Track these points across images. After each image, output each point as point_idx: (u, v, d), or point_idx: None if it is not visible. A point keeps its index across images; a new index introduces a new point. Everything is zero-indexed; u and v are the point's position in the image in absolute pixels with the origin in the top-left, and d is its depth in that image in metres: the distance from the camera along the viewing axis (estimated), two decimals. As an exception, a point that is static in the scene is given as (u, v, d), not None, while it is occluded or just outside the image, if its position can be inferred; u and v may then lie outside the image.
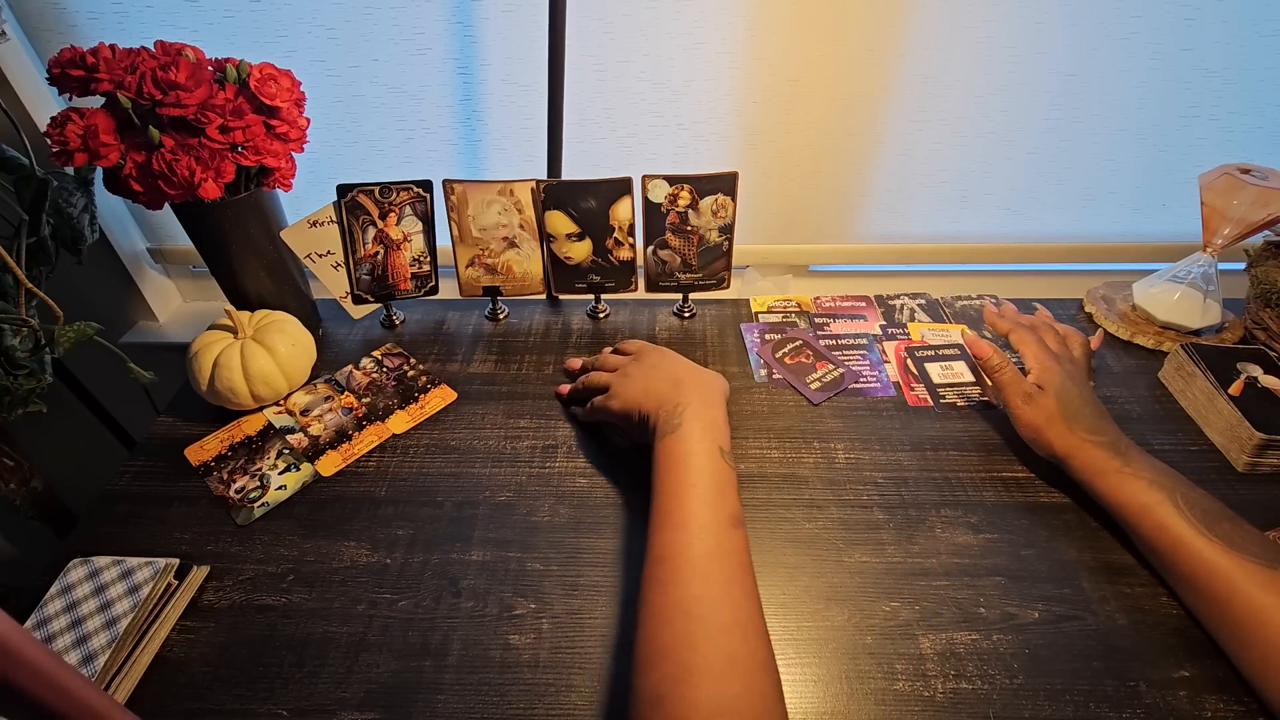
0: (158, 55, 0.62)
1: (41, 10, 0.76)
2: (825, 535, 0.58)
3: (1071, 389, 0.58)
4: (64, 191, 0.67)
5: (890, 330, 0.81)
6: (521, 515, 0.60)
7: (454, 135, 0.86)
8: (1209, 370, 0.67)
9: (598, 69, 0.80)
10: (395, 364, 0.77)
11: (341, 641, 0.52)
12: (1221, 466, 0.64)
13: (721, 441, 0.54)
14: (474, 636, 0.52)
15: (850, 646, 0.51)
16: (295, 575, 0.56)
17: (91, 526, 0.61)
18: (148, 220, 0.93)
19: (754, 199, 0.89)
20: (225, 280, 0.75)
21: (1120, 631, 0.51)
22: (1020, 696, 0.47)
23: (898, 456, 0.65)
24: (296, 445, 0.67)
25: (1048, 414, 0.58)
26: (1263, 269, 0.75)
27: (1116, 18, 0.76)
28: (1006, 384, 0.60)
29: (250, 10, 0.76)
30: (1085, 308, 0.85)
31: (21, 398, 0.66)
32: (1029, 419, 0.59)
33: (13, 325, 0.63)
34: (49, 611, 0.52)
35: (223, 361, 0.66)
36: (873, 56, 0.79)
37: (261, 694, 0.49)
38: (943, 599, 0.53)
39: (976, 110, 0.83)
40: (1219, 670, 0.48)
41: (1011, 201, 0.91)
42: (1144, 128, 0.84)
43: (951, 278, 0.99)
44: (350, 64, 0.80)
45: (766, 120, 0.84)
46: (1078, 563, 0.56)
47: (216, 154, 0.62)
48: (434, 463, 0.66)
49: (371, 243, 0.77)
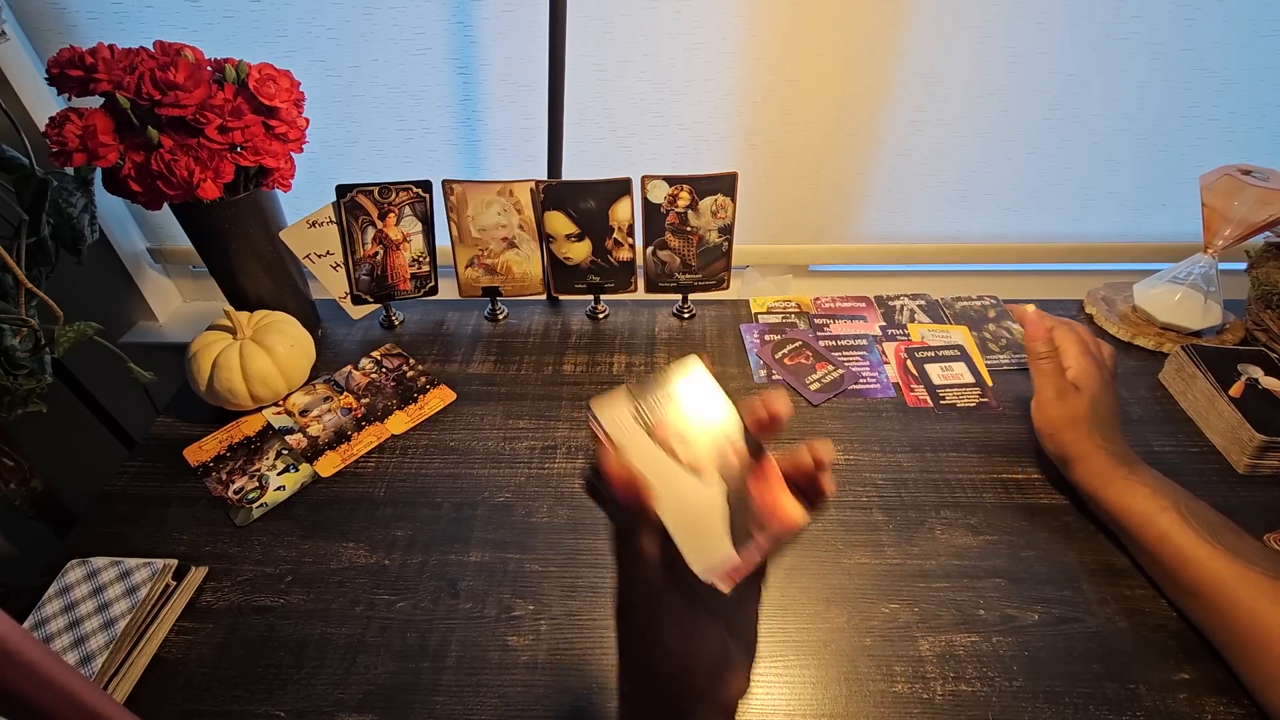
0: (157, 55, 0.62)
1: (41, 10, 0.76)
2: (824, 536, 0.58)
3: (1105, 396, 0.58)
4: (64, 191, 0.67)
5: (890, 331, 0.81)
6: (520, 516, 0.60)
7: (454, 135, 0.85)
8: (1209, 372, 0.67)
9: (598, 69, 0.79)
10: (394, 364, 0.77)
11: (340, 642, 0.51)
12: (1222, 468, 0.63)
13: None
14: (472, 638, 0.52)
15: (849, 648, 0.50)
16: (294, 576, 0.56)
17: (90, 527, 0.61)
18: (147, 220, 0.93)
19: (754, 199, 0.89)
20: (224, 281, 0.75)
21: (1120, 634, 0.51)
22: (1020, 699, 0.47)
23: (897, 458, 0.65)
24: (295, 446, 0.67)
25: (1074, 414, 0.57)
26: (1263, 270, 0.75)
27: (1116, 18, 0.76)
28: (1046, 373, 0.59)
29: (250, 10, 0.76)
30: (1086, 308, 0.85)
31: (21, 398, 0.66)
32: (1054, 414, 0.58)
33: (13, 325, 0.63)
34: (47, 612, 0.52)
35: (222, 362, 0.66)
36: (873, 56, 0.79)
37: (260, 695, 0.49)
38: (942, 601, 0.53)
39: (976, 110, 0.83)
40: (1219, 673, 0.48)
41: (1011, 201, 0.91)
42: (1144, 128, 0.84)
43: (951, 278, 0.99)
44: (350, 64, 0.80)
45: (766, 120, 0.83)
46: (1078, 565, 0.55)
47: (215, 154, 0.62)
48: (433, 463, 0.65)
49: (371, 243, 0.77)
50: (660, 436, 0.28)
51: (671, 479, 0.28)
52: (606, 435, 0.28)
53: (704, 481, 0.28)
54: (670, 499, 0.27)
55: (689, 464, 0.28)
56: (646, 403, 0.29)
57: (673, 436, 0.28)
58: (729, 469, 0.28)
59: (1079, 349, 0.59)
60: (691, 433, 0.29)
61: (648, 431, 0.28)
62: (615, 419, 0.29)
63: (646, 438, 0.28)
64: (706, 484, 0.28)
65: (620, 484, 0.26)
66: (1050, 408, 0.58)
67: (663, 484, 0.27)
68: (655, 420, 0.29)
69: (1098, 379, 0.58)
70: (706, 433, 0.29)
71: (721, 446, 0.29)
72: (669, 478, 0.28)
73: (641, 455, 0.28)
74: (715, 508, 0.28)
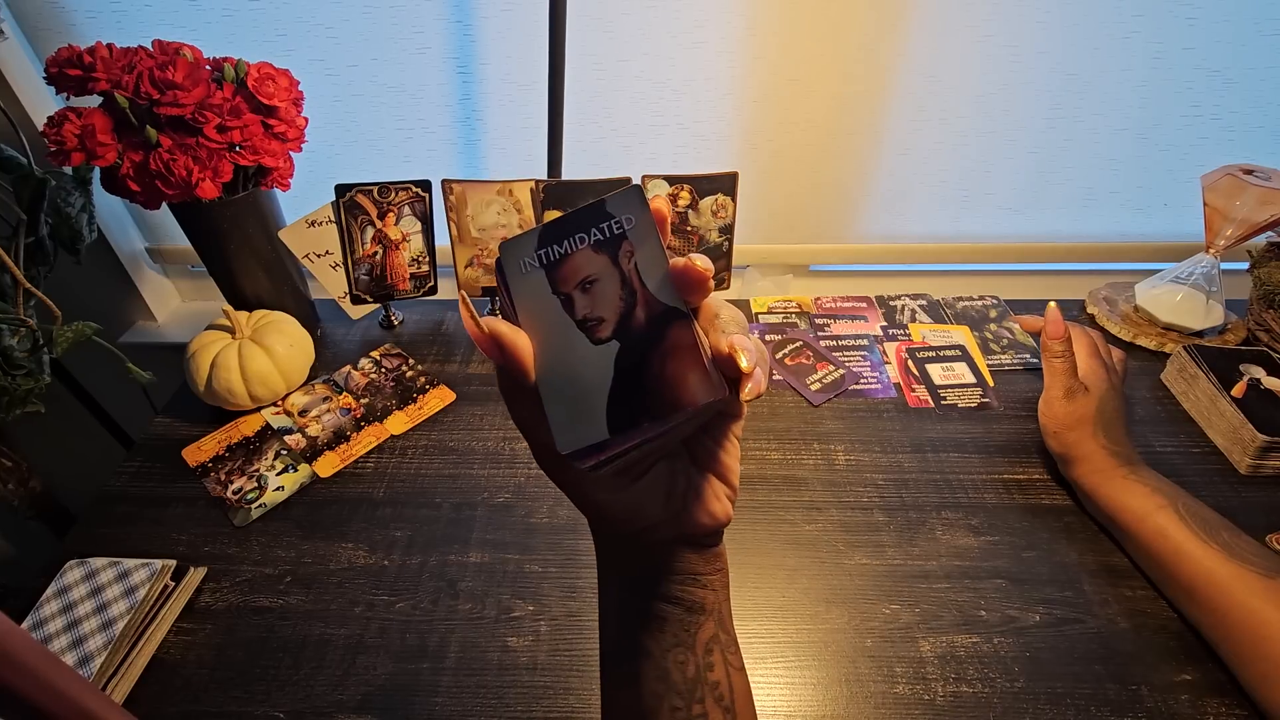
0: (155, 55, 0.62)
1: (40, 9, 0.75)
2: (825, 537, 0.58)
3: (1112, 399, 0.59)
4: (62, 191, 0.67)
5: (891, 331, 0.81)
6: (520, 517, 0.60)
7: (453, 135, 0.85)
8: (1211, 372, 0.67)
9: (598, 69, 0.79)
10: (394, 364, 0.77)
11: (339, 643, 0.51)
12: (1224, 469, 0.63)
13: None
14: (472, 638, 0.51)
15: (850, 649, 0.50)
16: (293, 577, 0.56)
17: (89, 527, 0.60)
18: (146, 220, 0.93)
19: (754, 199, 0.89)
20: (223, 280, 0.75)
21: (1122, 635, 0.51)
22: (1021, 700, 0.47)
23: (898, 458, 0.65)
24: (294, 446, 0.67)
25: (1082, 414, 0.58)
26: (1265, 270, 0.75)
27: (1117, 18, 0.76)
28: (1059, 371, 0.59)
29: (249, 9, 0.76)
30: (1087, 308, 0.85)
31: (20, 398, 0.66)
32: (1062, 412, 0.58)
33: (11, 325, 0.63)
34: (45, 613, 0.51)
35: (220, 362, 0.66)
36: (873, 56, 0.78)
37: (258, 696, 0.48)
38: (943, 602, 0.53)
39: (977, 110, 0.83)
40: (1220, 674, 0.48)
41: (1012, 201, 0.91)
42: (1145, 127, 0.84)
43: (952, 278, 0.99)
44: (349, 63, 0.80)
45: (766, 120, 0.83)
46: (1079, 565, 0.55)
47: (214, 153, 0.62)
48: (432, 464, 0.65)
49: (370, 243, 0.77)
50: (561, 280, 0.24)
51: (558, 333, 0.24)
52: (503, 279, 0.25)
53: (597, 340, 0.24)
54: (551, 357, 0.24)
55: (586, 317, 0.24)
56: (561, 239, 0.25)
57: (575, 283, 0.24)
58: (634, 330, 0.24)
59: (1089, 351, 0.61)
60: (601, 281, 0.24)
61: (547, 273, 0.25)
62: (516, 256, 0.25)
63: (544, 280, 0.25)
64: (600, 344, 0.24)
65: (482, 343, 0.23)
66: (1058, 405, 0.59)
67: (547, 338, 0.24)
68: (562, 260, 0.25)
69: (1106, 381, 0.59)
70: (618, 283, 0.24)
71: (632, 302, 0.24)
72: (555, 331, 0.24)
73: (532, 301, 0.25)
74: (600, 374, 0.24)
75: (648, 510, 0.27)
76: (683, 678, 0.29)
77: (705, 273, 0.23)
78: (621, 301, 0.24)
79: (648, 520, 0.28)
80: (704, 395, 0.23)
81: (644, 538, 0.29)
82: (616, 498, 0.27)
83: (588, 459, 0.23)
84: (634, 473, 0.27)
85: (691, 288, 0.23)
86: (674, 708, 0.28)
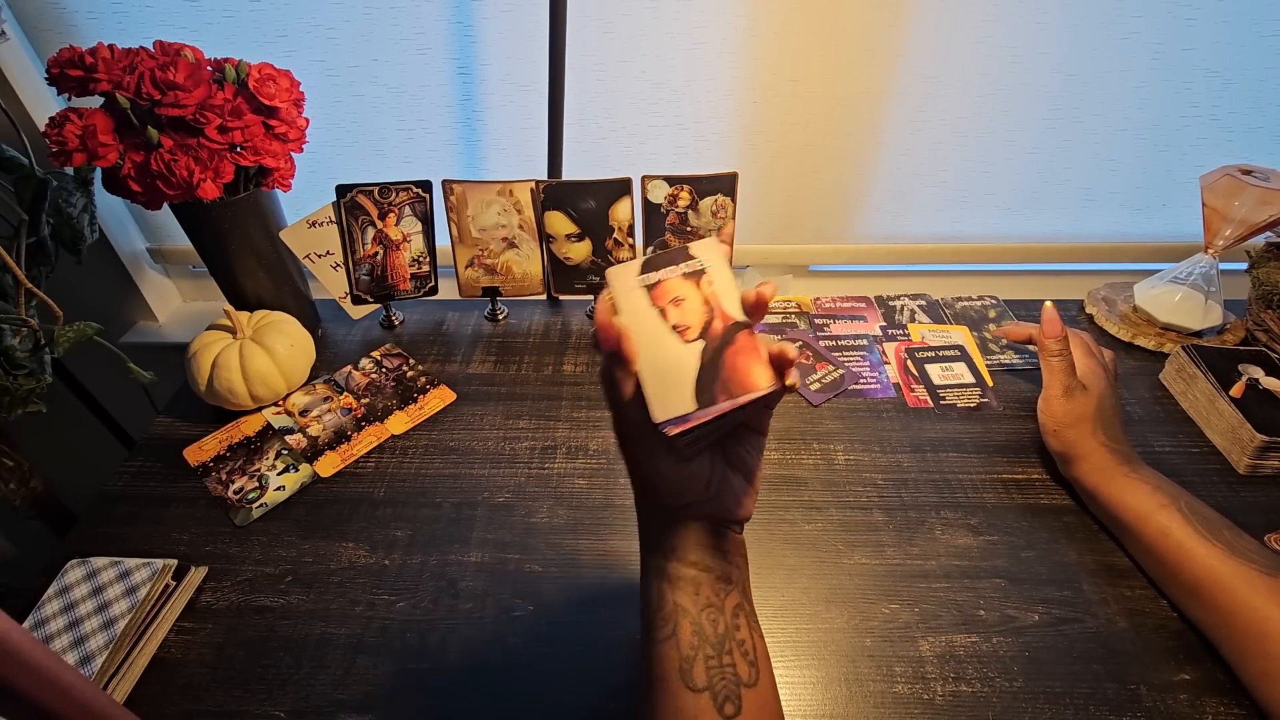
0: (156, 55, 0.62)
1: (41, 10, 0.76)
2: (824, 537, 0.58)
3: (1110, 397, 0.59)
4: (63, 191, 0.67)
5: (890, 331, 0.81)
6: (520, 516, 0.60)
7: (454, 135, 0.85)
8: (1210, 372, 0.67)
9: (598, 69, 0.79)
10: (394, 364, 0.77)
11: (339, 643, 0.51)
12: (1222, 469, 0.63)
13: None
14: (472, 638, 0.52)
15: (849, 649, 0.50)
16: (293, 576, 0.56)
17: (90, 527, 0.61)
18: (147, 220, 0.93)
19: (754, 199, 0.89)
20: (224, 280, 0.75)
21: (1121, 634, 0.51)
22: (1020, 699, 0.47)
23: (897, 458, 0.65)
24: (295, 446, 0.67)
25: (1081, 412, 0.58)
26: (1264, 270, 0.75)
27: (1116, 18, 0.76)
28: (1057, 370, 0.60)
29: (250, 10, 0.76)
30: (1086, 308, 0.85)
31: (21, 398, 0.66)
32: (1061, 411, 0.59)
33: (12, 325, 0.63)
34: (47, 612, 0.52)
35: (221, 362, 0.66)
36: (873, 56, 0.79)
37: (259, 695, 0.48)
38: (942, 601, 0.53)
39: (976, 110, 0.83)
40: (1219, 674, 0.48)
41: (1011, 201, 0.91)
42: (1144, 128, 0.84)
43: (951, 278, 0.99)
44: (350, 64, 0.80)
45: (766, 120, 0.83)
46: (1078, 565, 0.55)
47: (215, 154, 0.62)
48: (433, 464, 0.65)
49: (371, 243, 0.77)
50: (657, 297, 0.33)
51: (656, 335, 0.33)
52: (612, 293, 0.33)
53: (685, 341, 0.33)
54: (650, 351, 0.32)
55: (677, 324, 0.33)
56: (658, 269, 0.34)
57: (669, 299, 0.33)
58: (713, 335, 0.33)
59: (1083, 351, 0.62)
60: (688, 300, 0.33)
61: (648, 292, 0.34)
62: (623, 280, 0.34)
63: (645, 297, 0.34)
64: (687, 344, 0.33)
65: (603, 331, 0.32)
66: (1058, 404, 0.59)
67: (647, 338, 0.32)
68: (658, 284, 0.34)
69: (1104, 379, 0.60)
70: (701, 302, 0.33)
71: (711, 315, 0.33)
72: (654, 334, 0.33)
73: (635, 312, 0.33)
74: (688, 365, 0.32)
75: (691, 489, 0.35)
76: (715, 633, 0.36)
77: (767, 300, 0.32)
78: (703, 315, 0.33)
79: (690, 498, 0.36)
80: (765, 383, 0.32)
81: (684, 513, 0.37)
82: (675, 471, 0.35)
83: (675, 426, 0.31)
84: (689, 454, 0.35)
85: (756, 311, 0.33)
86: (708, 656, 0.35)
